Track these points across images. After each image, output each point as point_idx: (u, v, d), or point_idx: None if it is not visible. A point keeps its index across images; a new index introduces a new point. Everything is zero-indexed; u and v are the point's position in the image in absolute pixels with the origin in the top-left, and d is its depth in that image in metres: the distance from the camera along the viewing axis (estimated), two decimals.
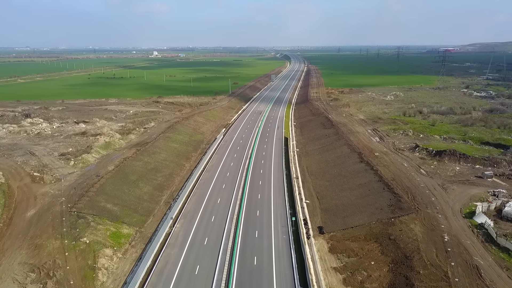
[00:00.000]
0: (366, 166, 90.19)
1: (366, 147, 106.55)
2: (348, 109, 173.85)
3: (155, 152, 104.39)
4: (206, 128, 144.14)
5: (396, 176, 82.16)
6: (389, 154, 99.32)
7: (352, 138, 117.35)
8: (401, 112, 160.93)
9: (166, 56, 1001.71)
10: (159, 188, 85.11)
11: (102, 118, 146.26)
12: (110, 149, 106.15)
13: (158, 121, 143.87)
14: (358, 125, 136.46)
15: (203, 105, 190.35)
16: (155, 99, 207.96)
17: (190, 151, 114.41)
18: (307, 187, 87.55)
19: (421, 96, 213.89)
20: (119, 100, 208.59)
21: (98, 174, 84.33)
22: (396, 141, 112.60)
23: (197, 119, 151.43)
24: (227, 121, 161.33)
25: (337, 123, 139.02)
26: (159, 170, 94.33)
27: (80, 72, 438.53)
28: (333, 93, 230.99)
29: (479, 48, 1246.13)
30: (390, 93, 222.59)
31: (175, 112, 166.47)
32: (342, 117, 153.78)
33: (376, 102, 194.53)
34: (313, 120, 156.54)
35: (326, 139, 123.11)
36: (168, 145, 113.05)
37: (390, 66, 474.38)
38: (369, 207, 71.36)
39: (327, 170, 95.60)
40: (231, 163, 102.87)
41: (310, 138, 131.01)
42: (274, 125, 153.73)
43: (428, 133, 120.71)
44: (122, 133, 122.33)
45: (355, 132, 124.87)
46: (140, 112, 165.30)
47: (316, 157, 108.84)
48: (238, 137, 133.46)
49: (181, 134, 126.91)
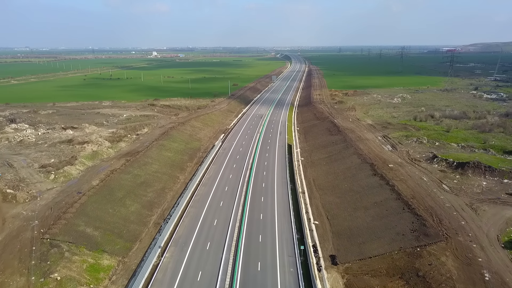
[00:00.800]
0: (380, 180, 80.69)
1: (378, 157, 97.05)
2: (354, 112, 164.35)
3: (146, 163, 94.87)
4: (203, 134, 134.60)
5: (416, 193, 72.68)
6: (404, 165, 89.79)
7: (362, 146, 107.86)
8: (411, 116, 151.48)
9: (165, 56, 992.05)
10: (149, 206, 75.60)
11: (92, 124, 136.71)
12: (97, 159, 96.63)
13: (152, 126, 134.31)
14: (367, 131, 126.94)
15: (201, 108, 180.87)
16: (151, 102, 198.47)
17: (185, 161, 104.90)
18: (315, 204, 78.10)
19: (430, 98, 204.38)
20: (113, 103, 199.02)
21: (80, 190, 74.86)
22: (411, 150, 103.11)
23: (194, 124, 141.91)
24: (226, 126, 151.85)
25: (344, 129, 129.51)
26: (149, 184, 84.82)
27: (77, 73, 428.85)
28: (337, 95, 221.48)
29: (481, 48, 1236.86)
30: (396, 95, 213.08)
31: (171, 116, 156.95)
32: (348, 121, 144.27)
33: (383, 105, 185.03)
34: (318, 125, 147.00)
35: (333, 146, 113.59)
36: (161, 155, 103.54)
37: (394, 66, 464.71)
38: (389, 231, 61.85)
39: (337, 184, 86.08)
40: (230, 175, 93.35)
41: (315, 145, 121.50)
42: (276, 130, 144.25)
43: (444, 140, 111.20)
44: (112, 140, 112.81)
45: (364, 139, 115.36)
46: (134, 116, 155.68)
47: (323, 167, 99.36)
48: (238, 144, 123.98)
49: (176, 141, 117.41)
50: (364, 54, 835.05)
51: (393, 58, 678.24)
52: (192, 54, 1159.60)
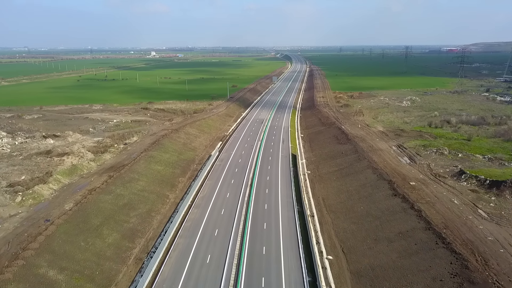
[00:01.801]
0: (403, 203, 68.93)
1: (396, 171, 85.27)
2: (362, 117, 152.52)
3: (131, 180, 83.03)
4: (198, 142, 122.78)
5: (449, 221, 60.91)
6: (428, 183, 78.01)
7: (376, 158, 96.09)
8: (424, 121, 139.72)
9: (164, 56, 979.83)
10: (130, 236, 63.78)
11: (77, 131, 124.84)
12: (75, 175, 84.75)
13: (143, 134, 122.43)
14: (379, 140, 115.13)
15: (198, 112, 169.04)
16: (144, 105, 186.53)
17: (177, 175, 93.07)
18: (326, 231, 66.36)
19: (440, 101, 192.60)
20: (104, 107, 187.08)
21: (48, 217, 63.03)
22: (432, 163, 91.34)
23: (189, 131, 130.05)
24: (224, 133, 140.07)
25: (353, 137, 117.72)
26: (134, 206, 73.02)
27: (71, 73, 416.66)
28: (342, 97, 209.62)
29: (482, 48, 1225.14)
30: (405, 98, 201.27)
31: (164, 122, 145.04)
32: (357, 128, 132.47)
33: (392, 108, 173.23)
34: (324, 132, 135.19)
35: (343, 158, 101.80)
36: (150, 168, 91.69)
37: (397, 67, 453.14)
38: (422, 275, 50.06)
39: (351, 206, 74.30)
40: (227, 194, 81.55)
41: (322, 155, 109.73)
42: (279, 137, 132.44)
43: (468, 151, 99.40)
44: (96, 151, 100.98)
45: (377, 150, 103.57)
46: (124, 122, 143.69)
47: (333, 183, 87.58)
48: (237, 154, 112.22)
49: (167, 152, 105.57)
50: (366, 54, 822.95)
51: (396, 58, 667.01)
52: (191, 54, 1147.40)
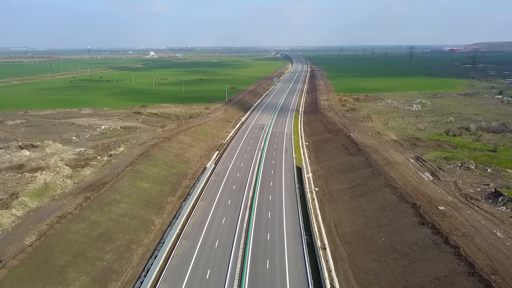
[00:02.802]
0: (434, 235, 57.12)
1: (419, 191, 73.49)
2: (371, 123, 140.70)
3: (112, 202, 71.22)
4: (193, 153, 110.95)
5: (496, 263, 49.15)
6: (460, 208, 66.22)
7: (393, 173, 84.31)
8: (440, 128, 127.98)
9: (163, 56, 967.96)
10: (103, 279, 51.95)
11: (58, 140, 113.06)
12: (46, 196, 72.98)
13: (131, 144, 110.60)
14: (394, 150, 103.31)
15: (194, 117, 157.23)
16: (137, 109, 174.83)
17: (166, 194, 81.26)
18: (342, 271, 54.55)
19: (452, 105, 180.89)
20: (93, 111, 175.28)
21: (0, 258, 51.25)
22: (459, 181, 79.61)
23: (182, 139, 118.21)
24: (222, 140, 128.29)
25: (364, 147, 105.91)
26: (111, 237, 61.21)
27: (65, 74, 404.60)
28: (347, 100, 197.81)
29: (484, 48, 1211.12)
30: (414, 101, 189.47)
31: (156, 129, 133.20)
32: (367, 136, 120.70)
33: (403, 113, 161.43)
34: (331, 140, 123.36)
35: (355, 172, 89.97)
36: (135, 186, 79.88)
37: (401, 67, 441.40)
38: None
39: (369, 236, 62.46)
40: (222, 219, 69.72)
41: (331, 168, 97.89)
42: (281, 146, 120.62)
43: (497, 165, 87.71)
44: (75, 165, 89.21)
45: (393, 163, 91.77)
46: (112, 129, 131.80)
47: (346, 204, 75.79)
48: (235, 166, 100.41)
49: (156, 165, 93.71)
50: (367, 54, 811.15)
51: (399, 58, 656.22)
52: (190, 54, 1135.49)
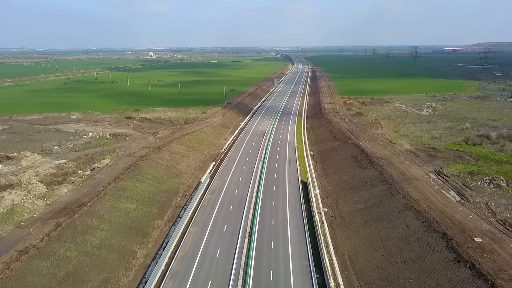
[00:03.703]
0: (476, 278, 46.36)
1: (447, 216, 62.83)
2: (381, 130, 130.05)
3: (87, 229, 60.55)
4: (186, 164, 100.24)
5: None
6: (500, 240, 55.51)
7: (413, 192, 73.69)
8: (457, 136, 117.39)
9: (162, 57, 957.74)
10: None
11: (38, 150, 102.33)
12: (10, 222, 62.25)
13: (117, 155, 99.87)
14: (410, 163, 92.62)
15: (189, 122, 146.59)
16: (129, 114, 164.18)
17: (153, 217, 70.59)
18: None
19: (464, 108, 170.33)
20: (83, 115, 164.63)
21: None
22: (490, 202, 68.98)
23: (175, 149, 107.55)
24: (219, 149, 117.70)
25: (376, 158, 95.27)
26: (81, 277, 50.51)
27: (60, 75, 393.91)
28: (352, 104, 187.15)
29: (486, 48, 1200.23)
30: (423, 105, 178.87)
31: (148, 137, 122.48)
32: (378, 145, 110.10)
33: (413, 118, 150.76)
34: (338, 149, 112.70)
35: (369, 190, 79.28)
36: (117, 208, 69.19)
37: (405, 68, 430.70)
38: None
39: (394, 276, 51.69)
40: (216, 252, 58.93)
41: (340, 184, 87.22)
42: (284, 156, 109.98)
43: None
44: (51, 182, 78.55)
45: (411, 179, 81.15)
46: (99, 137, 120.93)
47: (361, 231, 65.10)
48: (233, 181, 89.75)
49: (144, 181, 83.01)
50: (368, 54, 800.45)
51: (401, 59, 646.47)
52: (189, 54, 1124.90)
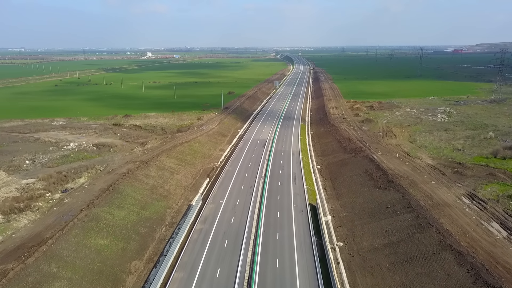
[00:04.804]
0: None
1: (498, 261, 49.81)
2: (396, 140, 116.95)
3: (41, 280, 47.34)
4: (176, 182, 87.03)
5: None
6: None
7: (447, 223, 60.64)
8: (482, 148, 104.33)
9: (160, 57, 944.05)
10: None
11: (5, 166, 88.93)
12: None
13: (96, 171, 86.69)
14: (436, 183, 79.42)
15: (183, 130, 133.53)
16: (118, 120, 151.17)
17: (130, 256, 57.38)
18: None
19: (482, 114, 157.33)
20: (68, 121, 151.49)
21: None
22: None
23: (164, 163, 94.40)
24: (214, 162, 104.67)
25: (395, 176, 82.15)
26: None
27: (53, 76, 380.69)
28: (359, 108, 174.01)
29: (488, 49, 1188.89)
30: (437, 110, 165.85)
31: (135, 148, 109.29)
32: (395, 158, 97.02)
33: (429, 126, 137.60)
34: (349, 163, 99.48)
35: (392, 218, 66.09)
36: (86, 246, 56.02)
37: (409, 69, 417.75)
38: None
39: None
40: None
41: (355, 208, 74.00)
42: (288, 171, 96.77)
43: None
44: (11, 209, 65.51)
45: (442, 205, 68.06)
46: (79, 149, 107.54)
47: (387, 278, 51.94)
48: (229, 205, 76.56)
49: (124, 206, 69.85)
50: (370, 55, 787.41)
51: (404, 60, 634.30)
52: (188, 55, 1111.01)
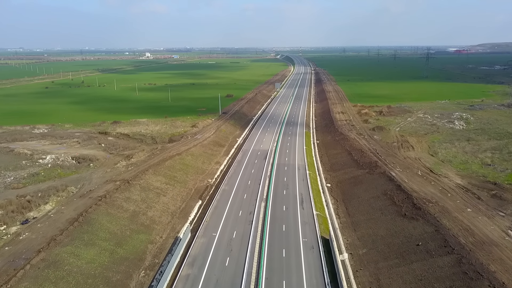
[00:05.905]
0: None
1: None
2: (413, 153, 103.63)
3: None
4: (161, 207, 73.77)
5: None
6: None
7: (501, 272, 47.55)
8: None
9: (159, 58, 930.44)
10: None
11: None
12: None
13: (68, 194, 73.38)
14: (472, 209, 66.24)
15: (175, 139, 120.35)
16: (105, 127, 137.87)
17: None
18: None
19: (502, 120, 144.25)
20: (50, 129, 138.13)
21: None
22: None
23: (150, 182, 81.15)
24: (208, 180, 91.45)
25: (422, 201, 68.98)
26: None
27: (45, 78, 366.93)
28: (368, 114, 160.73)
29: (490, 49, 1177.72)
30: (452, 115, 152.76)
31: (119, 162, 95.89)
32: (417, 176, 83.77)
33: (447, 134, 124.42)
34: (364, 181, 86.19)
35: (427, 261, 52.87)
36: None
37: (414, 70, 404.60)
38: None
39: None
40: None
41: (377, 243, 60.75)
42: (294, 191, 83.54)
43: None
44: None
45: (487, 243, 54.93)
46: (56, 164, 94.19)
47: None
48: (223, 239, 63.25)
49: (94, 243, 56.60)
50: (372, 55, 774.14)
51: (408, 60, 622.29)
52: (187, 55, 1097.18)
